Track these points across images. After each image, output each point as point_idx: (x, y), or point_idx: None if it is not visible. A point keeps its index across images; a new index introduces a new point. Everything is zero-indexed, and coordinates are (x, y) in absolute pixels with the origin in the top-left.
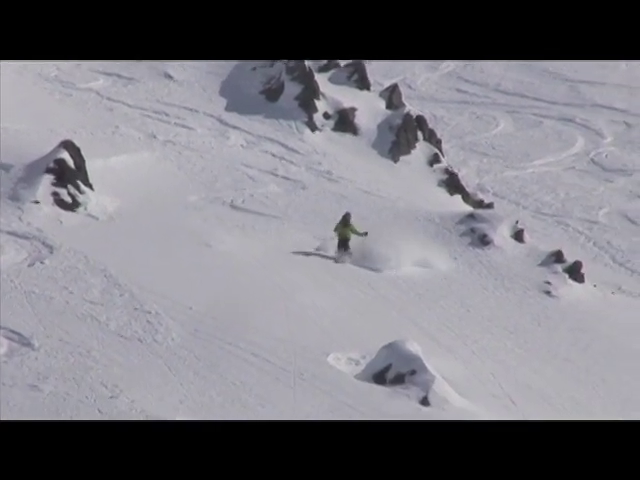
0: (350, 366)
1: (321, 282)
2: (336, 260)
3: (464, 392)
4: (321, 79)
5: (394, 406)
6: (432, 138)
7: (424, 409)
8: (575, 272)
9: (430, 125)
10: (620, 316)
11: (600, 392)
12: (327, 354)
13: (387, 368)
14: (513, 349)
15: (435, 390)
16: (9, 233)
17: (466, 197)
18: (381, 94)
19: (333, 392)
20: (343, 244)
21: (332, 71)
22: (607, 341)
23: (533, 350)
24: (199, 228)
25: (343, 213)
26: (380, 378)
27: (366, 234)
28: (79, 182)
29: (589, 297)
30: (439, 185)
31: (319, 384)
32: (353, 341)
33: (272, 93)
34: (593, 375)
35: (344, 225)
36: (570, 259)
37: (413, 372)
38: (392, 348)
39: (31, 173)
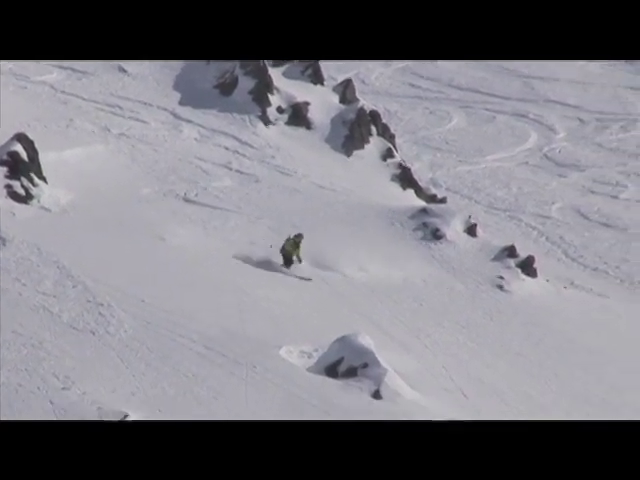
0: (302, 359)
1: (274, 276)
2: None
3: (416, 385)
4: (275, 73)
5: (346, 399)
6: (386, 133)
7: (376, 402)
8: (528, 267)
9: (384, 120)
10: (572, 311)
11: (552, 386)
12: (279, 347)
13: (339, 361)
14: (465, 343)
15: (387, 383)
16: None
17: (419, 192)
18: (335, 89)
19: (285, 385)
20: (288, 261)
21: (286, 66)
22: (559, 336)
23: (485, 344)
24: (153, 221)
25: (295, 234)
26: (332, 371)
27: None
28: (32, 175)
29: (542, 292)
30: (392, 179)
31: (271, 377)
32: (306, 334)
33: (226, 87)
34: (545, 369)
35: (295, 246)
36: (523, 254)
37: (365, 365)
38: (344, 341)
39: None
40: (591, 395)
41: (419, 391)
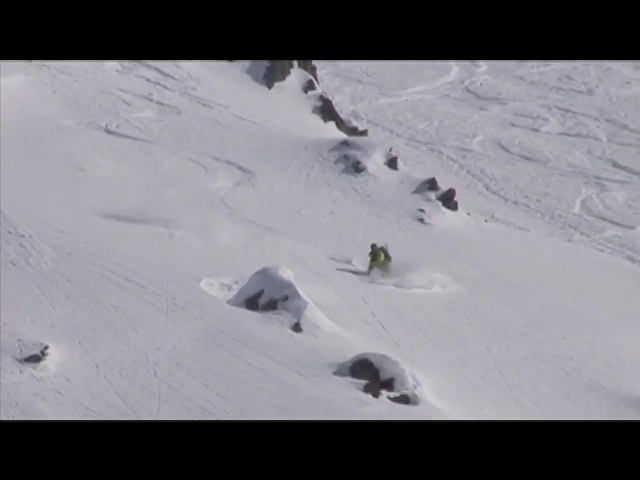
0: (222, 291)
1: (196, 208)
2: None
3: (336, 318)
4: None
5: (266, 332)
6: (307, 65)
7: (296, 335)
8: (448, 200)
9: None
10: (493, 244)
11: (472, 320)
12: (200, 279)
13: (259, 294)
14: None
15: (307, 316)
16: None
17: (340, 124)
18: None
19: (205, 317)
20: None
21: None
22: (480, 269)
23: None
24: (73, 152)
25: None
26: (252, 304)
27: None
28: None
29: (462, 225)
30: (313, 112)
31: (191, 309)
32: (226, 267)
33: None
34: (465, 303)
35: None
36: (444, 187)
37: (285, 298)
38: (265, 274)
39: None
40: (511, 329)
41: (339, 323)
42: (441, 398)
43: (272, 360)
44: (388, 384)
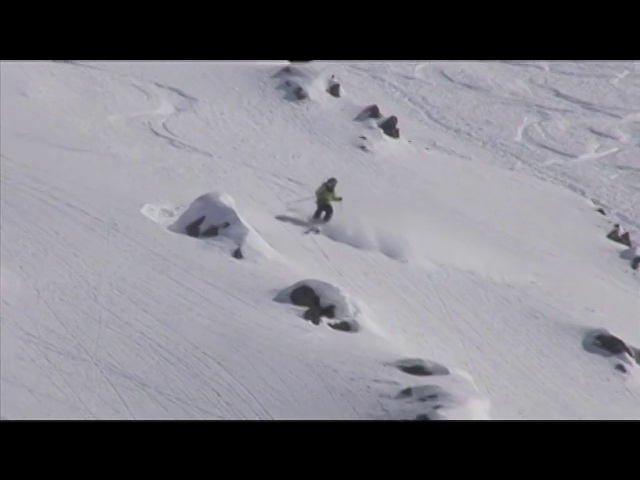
0: (164, 217)
1: (137, 134)
2: (313, 229)
3: (277, 245)
4: None
5: (207, 258)
6: None
7: (237, 261)
8: (390, 127)
9: None
10: (434, 172)
11: (411, 240)
12: (141, 205)
13: (200, 220)
14: None
15: (248, 243)
16: None
17: None
18: None
19: (146, 243)
20: (326, 210)
21: None
22: (420, 196)
23: (346, 202)
24: (14, 77)
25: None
26: (193, 230)
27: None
28: None
29: (404, 153)
30: None
31: (133, 235)
32: (167, 193)
33: None
34: (404, 227)
35: (328, 190)
36: (385, 114)
37: (226, 224)
38: (206, 200)
39: None
40: (452, 255)
41: (280, 251)
42: (381, 325)
43: (212, 286)
44: (328, 311)
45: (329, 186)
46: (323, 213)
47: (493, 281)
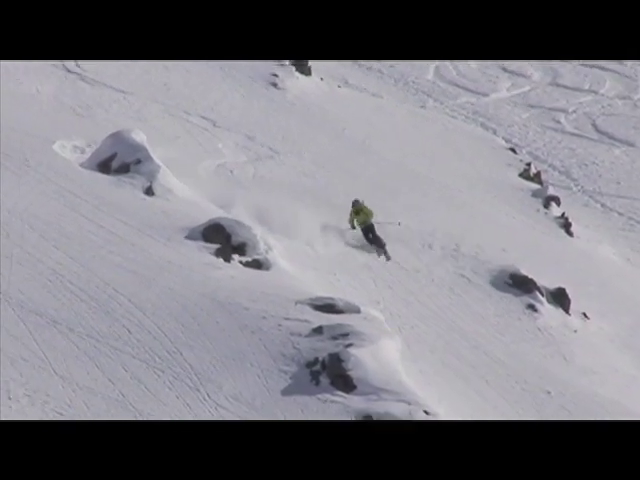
0: (75, 154)
1: (51, 71)
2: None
3: (188, 182)
4: None
5: (118, 195)
6: None
7: (148, 199)
8: (302, 65)
9: None
10: (346, 109)
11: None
12: (53, 142)
13: (112, 157)
14: (239, 141)
15: (160, 180)
16: None
17: None
18: None
19: (58, 180)
20: (369, 231)
21: None
22: (332, 132)
23: (262, 141)
24: None
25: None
26: (105, 167)
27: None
28: None
29: (316, 90)
30: None
31: (44, 171)
32: (79, 129)
33: None
34: (322, 164)
35: (357, 213)
36: None
37: (138, 161)
38: (118, 137)
39: None
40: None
41: (191, 188)
42: (292, 262)
43: (124, 223)
44: (240, 249)
45: (357, 208)
46: (370, 235)
47: (410, 226)
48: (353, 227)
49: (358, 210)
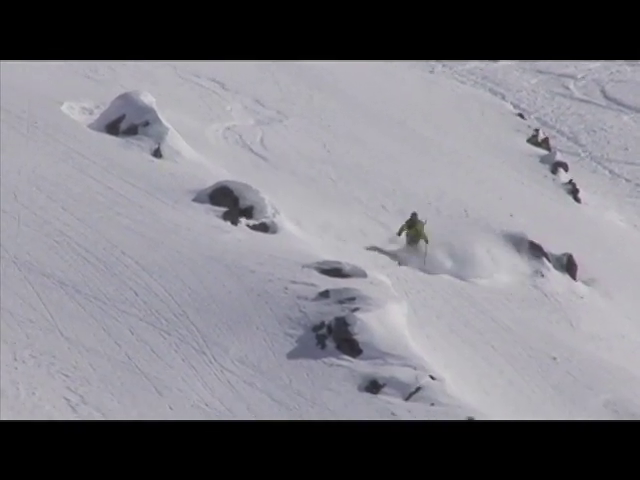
0: (84, 115)
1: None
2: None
3: (197, 145)
4: None
5: (126, 157)
6: None
7: (156, 160)
8: None
9: None
10: (355, 75)
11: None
12: (61, 103)
13: (121, 119)
14: (252, 106)
15: (168, 142)
16: None
17: None
18: None
19: (66, 141)
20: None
21: None
22: (342, 98)
23: (271, 105)
24: None
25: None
26: (113, 128)
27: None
28: None
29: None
30: None
31: (52, 132)
32: (87, 91)
33: None
34: (321, 132)
35: (410, 226)
36: None
37: (146, 123)
38: (126, 99)
39: None
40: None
41: (200, 151)
42: (300, 226)
43: (132, 185)
44: (247, 212)
45: (412, 222)
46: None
47: (405, 190)
48: (399, 234)
49: (412, 225)
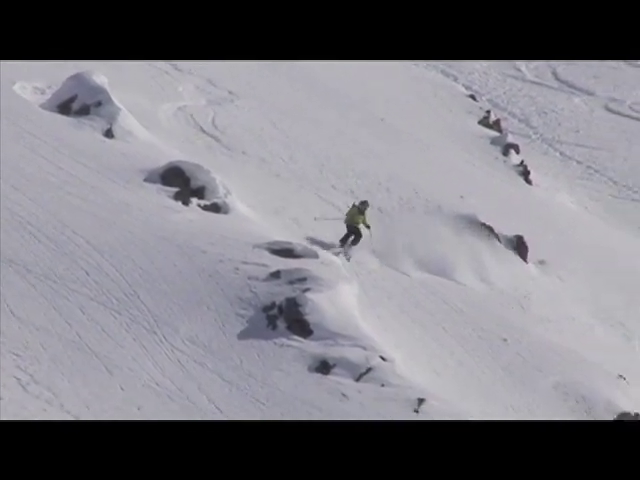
0: (36, 95)
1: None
2: (345, 254)
3: (149, 126)
4: None
5: (78, 137)
6: None
7: (108, 141)
8: None
9: None
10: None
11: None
12: (13, 83)
13: (72, 99)
14: (204, 87)
15: (120, 122)
16: None
17: None
18: None
19: (18, 121)
20: (356, 233)
21: None
22: (296, 79)
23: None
24: None
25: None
26: (65, 108)
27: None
28: None
29: None
30: None
31: (4, 112)
32: (39, 71)
33: None
34: (287, 112)
35: (360, 212)
36: None
37: (99, 104)
38: (78, 79)
39: None
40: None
41: (152, 132)
42: (251, 207)
43: (83, 165)
44: (199, 192)
45: (361, 209)
46: (351, 237)
47: (367, 171)
48: (368, 226)
49: (362, 211)
